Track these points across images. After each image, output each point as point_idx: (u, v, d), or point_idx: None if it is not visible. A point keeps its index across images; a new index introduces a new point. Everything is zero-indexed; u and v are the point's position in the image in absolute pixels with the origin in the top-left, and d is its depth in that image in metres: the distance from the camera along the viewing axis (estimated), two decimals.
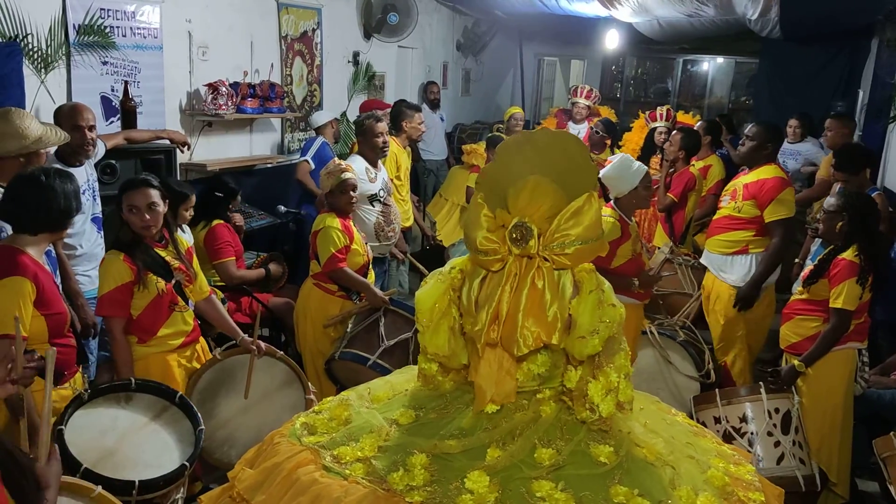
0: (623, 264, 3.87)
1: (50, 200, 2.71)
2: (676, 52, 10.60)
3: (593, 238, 2.09)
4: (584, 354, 2.09)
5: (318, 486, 2.02)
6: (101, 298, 3.11)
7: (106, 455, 2.68)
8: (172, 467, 2.72)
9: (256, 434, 3.31)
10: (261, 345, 3.53)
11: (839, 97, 8.19)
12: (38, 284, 2.64)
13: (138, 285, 3.13)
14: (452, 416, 2.20)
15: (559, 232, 2.07)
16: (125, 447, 2.75)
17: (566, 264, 2.09)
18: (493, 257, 2.12)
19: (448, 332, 2.23)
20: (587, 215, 2.08)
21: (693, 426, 2.54)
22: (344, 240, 4.08)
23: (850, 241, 3.65)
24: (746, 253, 4.40)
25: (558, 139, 2.21)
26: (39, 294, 2.64)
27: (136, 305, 3.15)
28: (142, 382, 2.97)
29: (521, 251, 2.08)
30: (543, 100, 11.75)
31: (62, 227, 2.82)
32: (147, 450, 2.79)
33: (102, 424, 2.78)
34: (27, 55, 4.23)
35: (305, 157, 5.82)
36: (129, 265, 3.11)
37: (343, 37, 7.29)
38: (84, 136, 3.68)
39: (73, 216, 2.83)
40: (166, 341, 3.26)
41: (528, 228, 2.07)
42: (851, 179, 4.73)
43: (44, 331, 2.69)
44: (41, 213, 2.71)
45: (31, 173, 2.80)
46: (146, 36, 4.99)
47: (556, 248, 2.07)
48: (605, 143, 6.90)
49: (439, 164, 8.37)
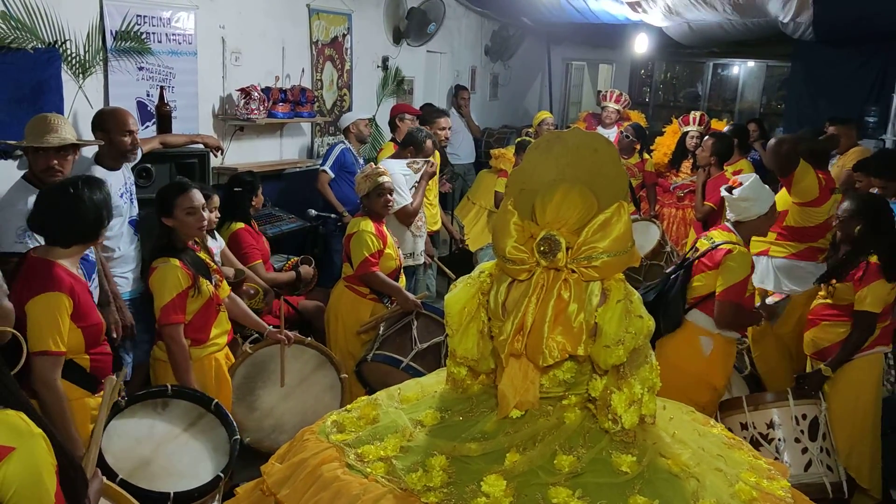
0: (747, 298, 3.65)
1: (81, 212, 2.67)
2: (706, 55, 10.48)
3: (622, 251, 2.08)
4: (608, 364, 2.08)
5: (339, 483, 2.05)
6: (165, 307, 3.13)
7: (141, 464, 2.71)
8: (207, 478, 2.73)
9: (302, 417, 3.60)
10: (289, 334, 3.70)
11: (872, 101, 8.04)
12: (75, 297, 2.63)
13: (193, 290, 3.20)
14: (476, 420, 2.22)
15: (587, 245, 2.07)
16: (161, 457, 2.77)
17: (594, 277, 2.08)
18: (521, 266, 2.12)
19: (477, 335, 2.24)
20: (616, 227, 2.08)
21: (729, 438, 2.49)
22: (378, 244, 4.13)
23: (866, 244, 3.61)
24: (766, 255, 4.37)
25: (589, 139, 2.22)
26: (76, 307, 2.63)
27: (189, 310, 3.23)
28: (178, 389, 3.00)
29: (550, 263, 2.08)
30: (571, 104, 11.71)
31: (95, 237, 2.79)
32: (182, 460, 2.80)
33: (139, 433, 2.81)
34: (65, 61, 4.34)
35: (324, 167, 5.76)
36: (186, 271, 3.19)
37: (372, 42, 7.35)
38: (134, 140, 3.75)
39: (106, 225, 2.80)
40: (216, 341, 3.39)
41: (556, 241, 2.07)
42: (889, 185, 4.67)
43: (81, 342, 2.69)
44: (73, 225, 2.68)
45: (59, 185, 2.79)
46: (181, 42, 5.09)
47: (584, 261, 2.07)
48: (634, 148, 6.87)
49: (467, 168, 8.40)
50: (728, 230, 3.65)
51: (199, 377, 3.25)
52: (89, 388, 2.78)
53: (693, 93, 11.24)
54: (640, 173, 6.78)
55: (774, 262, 4.35)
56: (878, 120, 7.80)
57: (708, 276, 3.56)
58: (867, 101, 8.07)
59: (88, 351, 2.74)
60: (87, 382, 2.77)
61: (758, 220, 3.60)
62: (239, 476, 3.19)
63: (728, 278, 3.48)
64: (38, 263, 2.65)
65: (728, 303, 3.48)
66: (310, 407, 3.70)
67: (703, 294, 3.59)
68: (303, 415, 3.63)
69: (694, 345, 3.58)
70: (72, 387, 2.69)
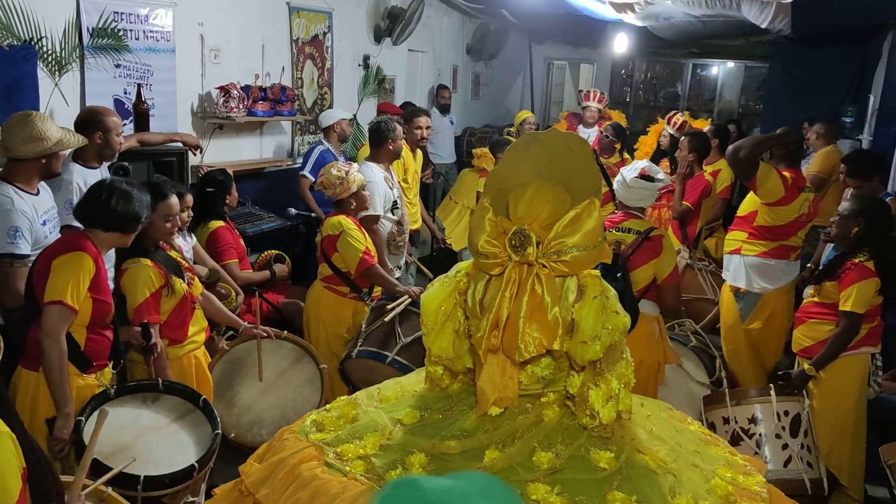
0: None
1: (129, 203, 2.86)
2: (686, 56, 10.58)
3: (591, 245, 2.10)
4: (584, 359, 2.09)
5: (318, 482, 2.05)
6: (139, 307, 3.13)
7: (120, 449, 2.71)
8: (182, 467, 2.74)
9: (281, 412, 3.63)
10: (265, 329, 3.71)
11: (850, 102, 8.14)
12: (97, 268, 2.79)
13: (166, 289, 3.20)
14: (456, 418, 2.22)
15: (556, 240, 2.08)
16: (140, 444, 2.78)
17: (564, 271, 2.09)
18: (493, 261, 2.14)
19: (453, 334, 2.25)
20: (586, 223, 2.10)
21: (705, 435, 2.52)
22: (364, 240, 4.15)
23: (861, 245, 3.64)
24: (739, 254, 4.41)
25: (564, 139, 2.25)
26: (96, 277, 2.77)
27: (163, 309, 3.22)
28: (169, 384, 3.02)
29: (521, 258, 2.09)
30: (553, 103, 11.77)
31: (130, 231, 2.92)
32: (161, 449, 2.81)
33: (123, 421, 2.82)
34: (41, 58, 4.29)
35: (304, 172, 5.70)
36: (158, 270, 3.18)
37: (354, 40, 7.34)
38: (117, 140, 3.75)
39: (141, 223, 2.95)
40: (194, 339, 3.38)
41: (526, 236, 2.09)
42: (864, 185, 4.72)
43: (87, 314, 2.80)
44: (119, 211, 2.85)
45: (115, 180, 2.96)
46: (159, 39, 5.04)
47: (554, 256, 2.08)
48: (614, 148, 6.90)
49: (449, 168, 8.40)
50: (634, 216, 3.77)
51: (179, 376, 3.24)
52: (79, 366, 2.82)
53: (673, 93, 11.33)
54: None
55: (746, 261, 4.37)
56: (854, 120, 7.90)
57: (650, 266, 3.66)
58: (844, 102, 8.16)
59: (90, 326, 2.82)
60: (78, 359, 2.81)
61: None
62: (219, 476, 3.18)
63: (671, 261, 3.66)
64: (71, 235, 2.92)
65: (677, 283, 3.71)
66: (289, 401, 3.70)
67: (647, 284, 3.68)
68: (282, 409, 3.64)
69: (649, 333, 3.68)
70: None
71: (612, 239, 3.69)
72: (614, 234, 3.71)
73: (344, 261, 4.13)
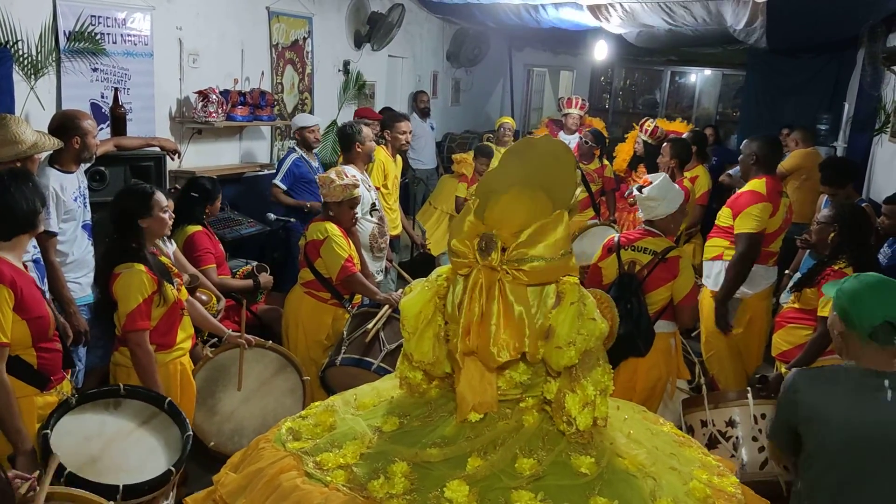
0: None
1: (12, 203, 2.66)
2: (664, 63, 10.68)
3: (553, 257, 2.09)
4: (560, 364, 2.10)
5: (299, 493, 2.02)
6: (132, 313, 3.09)
7: (90, 461, 2.67)
8: (157, 473, 2.70)
9: (262, 421, 3.61)
10: (249, 338, 3.69)
11: (825, 109, 8.27)
12: (16, 290, 2.60)
13: (158, 296, 3.16)
14: (436, 425, 2.22)
15: (518, 249, 2.09)
16: (110, 453, 2.74)
17: (523, 280, 2.09)
18: (462, 260, 2.16)
19: (433, 339, 2.25)
20: (551, 234, 2.10)
21: (679, 436, 2.55)
22: (349, 248, 4.13)
23: (839, 252, 3.68)
24: (721, 259, 4.45)
25: (553, 147, 2.28)
26: (18, 300, 2.60)
27: (153, 315, 3.18)
28: (131, 389, 2.96)
29: (485, 262, 2.11)
30: (533, 110, 11.82)
31: (35, 227, 2.76)
32: (132, 456, 2.77)
33: (88, 430, 2.77)
34: (17, 61, 4.24)
35: (276, 182, 5.59)
36: (151, 276, 3.14)
37: (333, 46, 7.32)
38: (94, 143, 3.71)
39: (42, 212, 2.78)
40: (182, 346, 3.35)
41: (492, 241, 2.10)
42: (838, 192, 4.78)
43: (26, 335, 2.66)
44: (7, 218, 2.66)
45: None
46: (137, 43, 5.00)
47: (514, 264, 2.09)
48: (594, 154, 6.95)
49: (429, 173, 8.40)
50: (652, 234, 3.76)
51: (164, 382, 3.20)
52: (38, 385, 2.74)
53: (651, 100, 11.43)
54: (599, 179, 6.85)
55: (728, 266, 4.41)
56: (829, 128, 8.02)
57: (666, 289, 3.70)
58: (819, 110, 8.29)
59: (36, 345, 2.71)
60: (35, 379, 2.73)
61: (667, 218, 3.76)
62: (194, 485, 3.14)
63: (688, 282, 3.66)
64: None
65: (695, 304, 3.76)
66: (270, 410, 3.68)
67: (665, 305, 3.72)
68: (263, 418, 3.61)
69: (665, 349, 3.77)
70: (19, 384, 2.64)
71: (626, 258, 3.72)
72: (629, 254, 3.74)
73: (326, 267, 4.12)
